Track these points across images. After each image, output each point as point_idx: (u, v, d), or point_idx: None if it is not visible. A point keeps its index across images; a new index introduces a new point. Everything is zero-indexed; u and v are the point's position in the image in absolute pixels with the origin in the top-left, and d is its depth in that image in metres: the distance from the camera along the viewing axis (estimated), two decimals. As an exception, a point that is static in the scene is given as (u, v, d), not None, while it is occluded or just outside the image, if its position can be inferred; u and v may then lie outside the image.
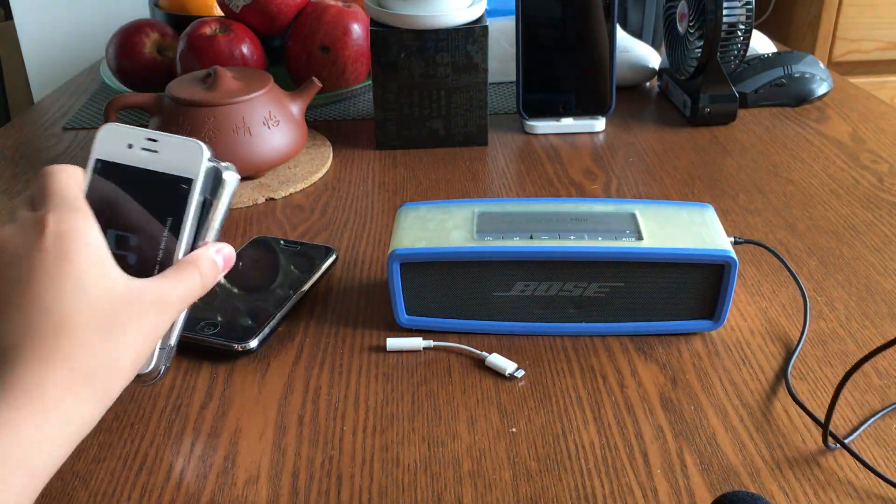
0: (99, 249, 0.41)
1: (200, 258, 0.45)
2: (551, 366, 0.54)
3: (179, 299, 0.43)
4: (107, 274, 0.40)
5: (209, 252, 0.46)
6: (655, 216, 0.57)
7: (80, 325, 0.39)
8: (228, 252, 0.47)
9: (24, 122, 0.97)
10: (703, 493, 0.44)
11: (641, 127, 0.91)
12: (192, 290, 0.44)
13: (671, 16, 0.95)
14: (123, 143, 0.46)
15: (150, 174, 0.45)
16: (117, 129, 0.46)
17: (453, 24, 0.81)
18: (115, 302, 0.40)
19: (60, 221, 0.40)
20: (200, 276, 0.44)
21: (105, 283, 0.40)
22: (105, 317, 0.40)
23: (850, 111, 0.95)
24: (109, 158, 0.46)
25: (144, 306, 0.41)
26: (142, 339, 0.41)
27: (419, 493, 0.45)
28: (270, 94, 0.78)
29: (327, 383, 0.53)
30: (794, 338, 0.56)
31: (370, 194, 0.77)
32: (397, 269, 0.55)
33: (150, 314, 0.41)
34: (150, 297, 0.41)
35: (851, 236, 0.68)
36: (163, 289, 0.42)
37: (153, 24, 0.97)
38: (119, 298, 0.40)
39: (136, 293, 0.41)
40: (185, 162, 0.45)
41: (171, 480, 0.46)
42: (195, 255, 0.45)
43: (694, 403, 0.50)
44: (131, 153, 0.45)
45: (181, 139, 0.45)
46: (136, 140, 0.45)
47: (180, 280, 0.44)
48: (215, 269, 0.46)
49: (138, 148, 0.45)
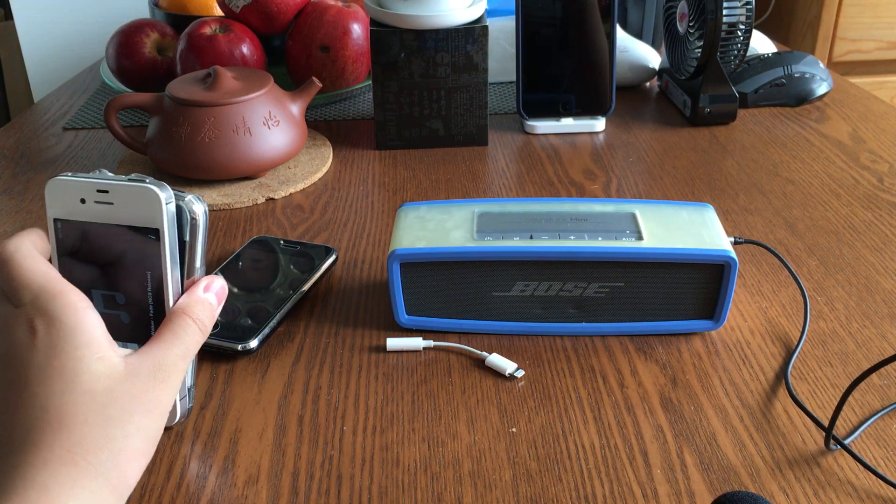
0: (91, 332, 0.39)
1: (191, 305, 0.43)
2: (551, 366, 0.54)
3: (180, 358, 0.42)
4: (102, 357, 0.39)
5: (198, 294, 0.44)
6: (655, 216, 0.57)
7: (79, 419, 0.38)
8: (219, 286, 0.45)
9: (24, 122, 0.97)
10: (703, 493, 0.44)
11: (641, 127, 0.91)
12: (191, 342, 0.43)
13: (671, 16, 0.95)
14: (76, 198, 0.42)
15: (113, 228, 0.43)
16: (65, 183, 0.42)
17: (453, 24, 0.81)
18: (113, 385, 0.39)
19: (44, 314, 0.39)
20: (196, 324, 0.43)
21: (101, 366, 0.39)
22: (104, 404, 0.38)
23: (850, 111, 0.95)
24: (67, 217, 0.43)
25: (144, 381, 0.40)
26: (148, 417, 0.40)
27: (419, 493, 0.45)
28: (270, 94, 0.78)
29: (327, 383, 0.53)
30: (794, 338, 0.56)
31: (370, 194, 0.77)
32: (397, 269, 0.55)
33: (152, 387, 0.40)
34: (147, 370, 0.40)
35: (851, 236, 0.68)
36: (158, 356, 0.41)
37: (153, 24, 0.97)
38: (117, 381, 0.39)
39: (133, 370, 0.40)
40: (145, 211, 0.42)
41: (171, 480, 0.46)
42: (184, 304, 0.43)
43: (694, 403, 0.50)
44: (87, 208, 0.42)
45: (133, 187, 0.42)
46: (88, 193, 0.42)
47: (176, 338, 0.42)
48: (210, 310, 0.44)
49: (92, 201, 0.42)
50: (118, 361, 0.40)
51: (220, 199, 0.75)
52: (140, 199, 0.42)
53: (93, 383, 0.38)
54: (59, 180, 0.42)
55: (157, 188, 0.42)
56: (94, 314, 0.40)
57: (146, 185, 0.42)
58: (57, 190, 0.42)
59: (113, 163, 0.85)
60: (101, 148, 0.89)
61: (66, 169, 0.84)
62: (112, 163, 0.85)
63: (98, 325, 0.40)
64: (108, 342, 0.40)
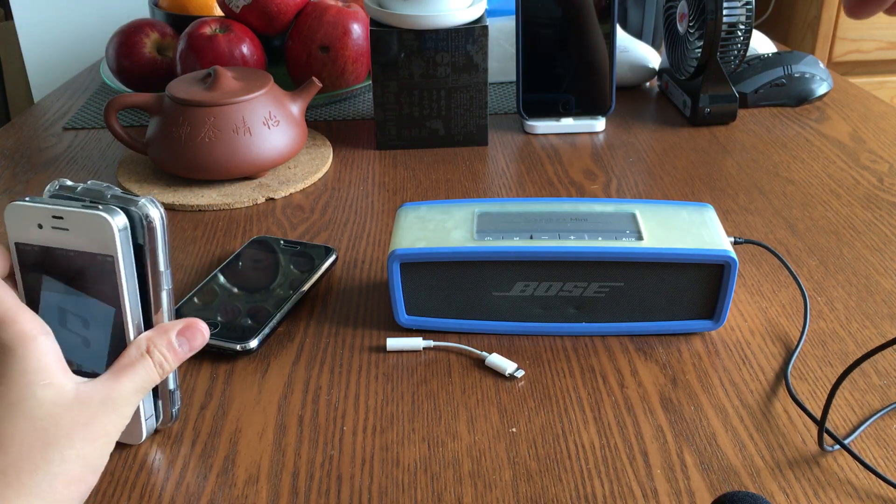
0: (40, 359, 0.40)
1: (155, 343, 0.43)
2: (551, 366, 0.54)
3: (132, 392, 0.42)
4: (50, 384, 0.40)
5: (170, 336, 0.44)
6: (655, 216, 0.57)
7: (16, 441, 0.38)
8: (192, 332, 0.45)
9: (24, 122, 0.97)
10: (703, 493, 0.44)
11: (641, 127, 0.91)
12: (146, 380, 0.43)
13: (671, 16, 0.95)
14: (33, 223, 0.42)
15: (72, 252, 0.42)
16: (21, 208, 0.42)
17: (453, 24, 0.81)
18: (58, 411, 0.39)
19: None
20: (155, 368, 0.43)
21: (47, 393, 0.39)
22: (44, 429, 0.39)
23: (850, 111, 0.95)
24: (27, 241, 0.43)
25: (92, 410, 0.40)
26: (91, 445, 0.40)
27: (419, 493, 0.45)
28: (270, 94, 0.78)
29: (327, 383, 0.53)
30: (794, 338, 0.56)
31: (370, 194, 0.77)
32: (397, 269, 0.55)
33: (99, 417, 0.40)
34: (98, 400, 0.41)
35: (851, 236, 0.68)
36: (110, 387, 0.41)
37: (153, 24, 0.97)
38: (63, 407, 0.39)
39: (83, 398, 0.40)
40: (98, 237, 0.41)
41: (171, 480, 0.46)
42: (147, 341, 0.43)
43: (694, 403, 0.50)
44: (44, 233, 0.42)
45: (85, 214, 0.41)
46: (43, 219, 0.42)
47: (133, 372, 0.42)
48: (175, 356, 0.44)
49: (49, 227, 0.42)
50: (69, 388, 0.40)
51: (220, 199, 0.75)
52: (93, 226, 0.41)
53: (36, 409, 0.39)
54: (16, 205, 0.42)
55: (108, 216, 0.41)
56: (47, 341, 0.40)
57: (98, 212, 0.41)
58: (15, 215, 0.42)
59: (113, 163, 0.85)
60: (101, 148, 0.89)
61: (65, 169, 0.84)
62: (112, 163, 0.85)
63: (48, 353, 0.40)
64: (59, 369, 0.40)
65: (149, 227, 0.42)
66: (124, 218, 0.41)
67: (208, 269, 0.65)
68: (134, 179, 0.80)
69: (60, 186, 0.43)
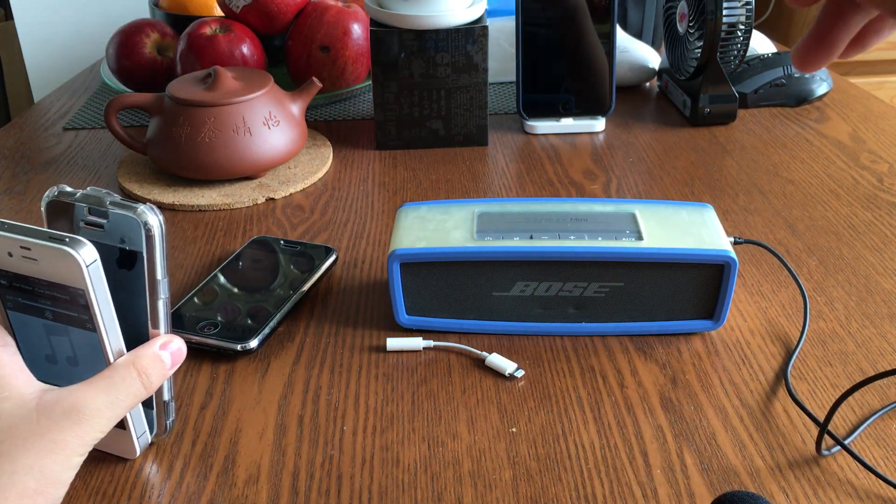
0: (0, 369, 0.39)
1: (141, 357, 0.42)
2: (551, 366, 0.54)
3: (107, 405, 0.40)
4: (10, 395, 0.39)
5: (153, 349, 0.43)
6: (655, 216, 0.57)
7: None
8: (177, 347, 0.44)
9: (24, 122, 0.97)
10: (703, 493, 0.44)
11: (641, 127, 0.91)
12: (128, 393, 0.41)
13: (671, 16, 0.95)
14: (4, 251, 0.40)
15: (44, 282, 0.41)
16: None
17: (453, 24, 0.81)
18: (15, 422, 0.38)
19: None
20: (140, 378, 0.42)
21: (5, 405, 0.39)
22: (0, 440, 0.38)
23: (850, 111, 0.95)
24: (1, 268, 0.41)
25: (52, 421, 0.39)
26: (47, 457, 0.38)
27: (419, 493, 0.45)
28: (270, 94, 0.78)
29: (327, 383, 0.53)
30: (793, 338, 0.56)
31: (370, 194, 0.77)
32: (397, 269, 0.55)
33: (59, 428, 0.39)
34: (60, 410, 0.39)
35: (851, 236, 0.68)
36: (78, 397, 0.40)
37: (153, 24, 0.97)
38: (20, 418, 0.38)
39: (44, 408, 0.39)
40: (68, 271, 0.40)
41: (171, 480, 0.46)
42: (135, 356, 0.42)
43: (694, 403, 0.51)
44: (16, 261, 0.41)
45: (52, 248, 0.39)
46: (12, 247, 0.40)
47: (110, 385, 0.41)
48: (161, 368, 0.43)
49: (19, 256, 0.40)
50: (30, 399, 0.39)
51: (220, 199, 0.75)
52: (61, 260, 0.39)
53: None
54: None
55: (73, 251, 0.39)
56: (6, 353, 0.40)
57: (64, 247, 0.39)
58: None
59: (113, 163, 0.85)
60: (101, 148, 0.89)
61: (65, 169, 0.84)
62: (112, 163, 0.85)
63: (7, 365, 0.40)
64: (18, 381, 0.39)
65: (147, 234, 0.41)
66: (92, 251, 0.40)
67: (208, 269, 0.65)
68: (134, 179, 0.80)
69: (59, 192, 0.43)
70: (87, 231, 0.42)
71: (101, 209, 0.42)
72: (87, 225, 0.42)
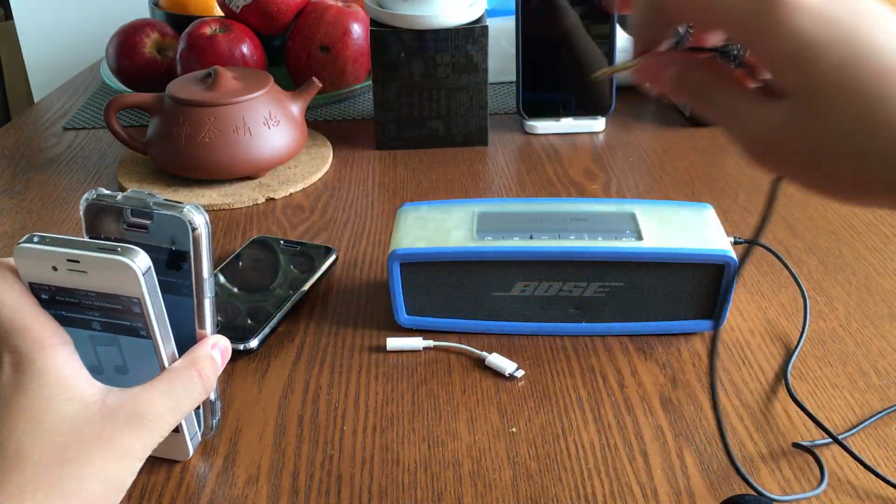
0: (59, 371, 0.38)
1: (198, 359, 0.42)
2: (551, 366, 0.54)
3: (169, 411, 0.40)
4: (71, 398, 0.38)
5: (206, 349, 0.42)
6: (655, 216, 0.57)
7: (34, 458, 0.36)
8: (224, 346, 0.44)
9: (24, 122, 0.97)
10: (703, 493, 0.44)
11: (641, 127, 0.91)
12: (188, 398, 0.41)
13: (671, 16, 0.95)
14: (47, 266, 0.39)
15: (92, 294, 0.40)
16: (32, 251, 0.39)
17: (453, 24, 0.81)
18: (81, 427, 0.37)
19: (12, 351, 0.38)
20: (201, 380, 0.41)
21: (69, 407, 0.37)
22: (65, 445, 0.37)
23: (850, 111, 0.95)
24: (41, 282, 0.40)
25: (117, 427, 0.38)
26: (115, 464, 0.38)
27: (419, 493, 0.45)
28: (270, 94, 0.78)
29: (327, 383, 0.53)
30: (794, 338, 0.56)
31: (370, 194, 0.77)
32: (397, 269, 0.55)
33: (125, 434, 0.38)
34: (125, 415, 0.38)
35: (851, 236, 0.68)
36: (143, 403, 0.39)
37: (153, 24, 0.97)
38: (85, 422, 0.37)
39: (108, 413, 0.38)
40: (121, 281, 0.39)
41: (171, 480, 0.46)
42: (191, 357, 0.42)
43: (694, 403, 0.50)
44: (61, 275, 0.39)
45: (104, 259, 0.38)
46: (58, 262, 0.39)
47: (171, 389, 0.40)
48: (214, 368, 0.42)
49: (64, 270, 0.39)
50: (93, 402, 0.38)
51: (220, 199, 0.75)
52: (114, 270, 0.38)
53: (57, 424, 0.37)
54: (26, 249, 0.39)
55: (129, 260, 0.38)
56: (66, 351, 0.39)
57: (118, 257, 0.38)
58: (25, 258, 0.39)
59: (113, 163, 0.85)
60: (101, 148, 0.89)
61: (65, 169, 0.84)
62: (112, 163, 0.85)
63: (69, 363, 0.38)
64: (81, 381, 0.39)
65: (194, 234, 0.41)
66: (146, 258, 0.39)
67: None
68: (134, 179, 0.80)
69: (98, 195, 0.42)
70: (131, 233, 0.41)
71: (145, 210, 0.41)
72: (130, 227, 0.41)
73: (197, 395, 0.41)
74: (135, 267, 0.38)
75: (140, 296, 0.39)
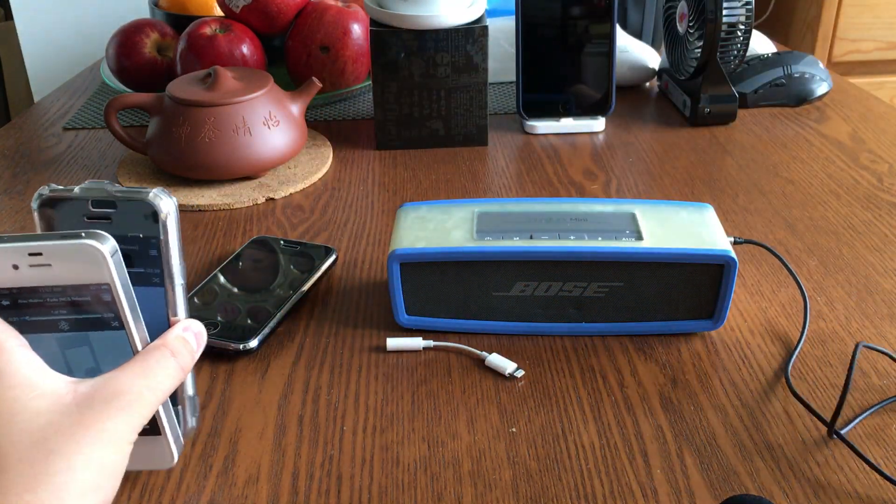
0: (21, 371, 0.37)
1: (171, 341, 0.41)
2: (551, 366, 0.54)
3: (147, 389, 0.38)
4: (42, 393, 0.37)
5: (178, 331, 0.42)
6: (655, 216, 0.57)
7: (14, 458, 0.35)
8: (198, 329, 0.43)
9: (24, 122, 0.97)
10: (703, 493, 0.44)
11: (641, 127, 0.91)
12: (165, 377, 0.40)
13: (671, 16, 0.95)
14: (7, 266, 0.37)
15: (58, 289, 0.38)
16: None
17: (453, 24, 0.81)
18: (56, 419, 0.36)
19: None
20: (175, 359, 0.40)
21: (40, 403, 0.36)
22: (45, 439, 0.36)
23: (849, 111, 0.95)
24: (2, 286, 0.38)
25: (97, 411, 0.37)
26: (103, 449, 0.36)
27: (419, 493, 0.45)
28: (270, 94, 0.78)
29: (327, 383, 0.53)
30: (793, 338, 0.56)
31: (370, 194, 0.77)
32: (397, 269, 0.55)
33: (107, 417, 0.37)
34: (102, 398, 0.37)
35: (851, 236, 0.68)
36: (120, 383, 0.38)
37: (153, 24, 0.97)
38: (61, 414, 0.36)
39: (83, 399, 0.37)
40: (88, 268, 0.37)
41: (171, 480, 0.46)
42: (161, 339, 0.41)
43: (694, 403, 0.51)
44: (23, 274, 0.37)
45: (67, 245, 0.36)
46: (18, 259, 0.36)
47: (147, 368, 0.39)
48: (189, 350, 0.42)
49: (26, 266, 0.37)
50: (64, 393, 0.37)
51: (220, 199, 0.75)
52: (80, 256, 0.37)
53: (32, 421, 0.36)
54: None
55: (95, 243, 0.36)
56: (24, 352, 0.38)
57: (83, 241, 0.36)
58: None
59: (113, 163, 0.85)
60: (101, 148, 0.89)
61: (65, 169, 0.84)
62: (112, 163, 0.85)
63: (31, 362, 0.37)
64: (46, 377, 0.37)
65: (162, 219, 0.39)
66: (112, 240, 0.37)
67: (208, 269, 0.65)
68: (134, 179, 0.80)
69: (52, 189, 0.40)
70: (93, 226, 0.40)
71: (107, 200, 0.40)
72: (92, 219, 0.40)
73: (172, 371, 0.40)
74: (102, 248, 0.36)
75: (109, 280, 0.37)
